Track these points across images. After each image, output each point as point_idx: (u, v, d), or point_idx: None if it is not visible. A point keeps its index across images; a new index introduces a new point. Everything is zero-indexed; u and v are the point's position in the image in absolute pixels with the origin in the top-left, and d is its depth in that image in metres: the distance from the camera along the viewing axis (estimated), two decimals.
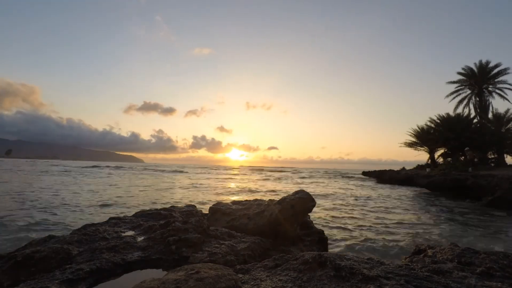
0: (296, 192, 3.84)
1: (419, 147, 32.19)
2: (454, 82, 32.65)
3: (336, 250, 5.22)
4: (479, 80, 30.11)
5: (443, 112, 30.77)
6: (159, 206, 5.49)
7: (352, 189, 19.61)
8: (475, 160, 27.33)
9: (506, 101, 29.24)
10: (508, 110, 27.70)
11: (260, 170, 65.20)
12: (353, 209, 10.31)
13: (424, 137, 30.75)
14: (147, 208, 4.52)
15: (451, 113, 30.19)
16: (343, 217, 8.61)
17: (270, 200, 4.15)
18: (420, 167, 30.46)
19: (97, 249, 2.57)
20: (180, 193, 14.32)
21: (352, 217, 8.61)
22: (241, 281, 1.89)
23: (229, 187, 19.15)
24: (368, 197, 14.70)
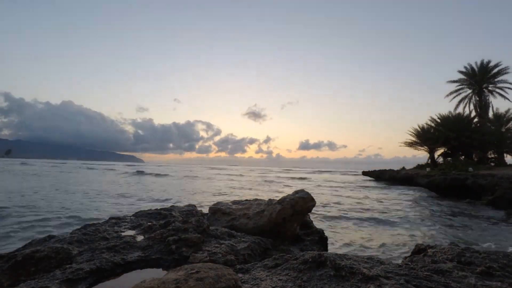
0: (296, 192, 3.84)
1: (419, 147, 32.20)
2: (454, 81, 32.64)
3: (336, 249, 5.22)
4: (479, 79, 30.09)
5: (446, 111, 30.83)
6: None
7: (351, 188, 19.61)
8: (475, 159, 27.34)
9: (507, 100, 29.29)
10: (508, 109, 27.69)
11: None
12: (352, 208, 10.31)
13: (424, 137, 30.76)
14: None
15: (452, 112, 30.30)
16: (343, 216, 8.61)
17: (270, 199, 4.14)
18: (420, 166, 30.47)
19: (97, 249, 2.57)
20: None
21: (352, 216, 8.61)
22: (241, 280, 1.89)
23: None
24: (367, 196, 14.69)
